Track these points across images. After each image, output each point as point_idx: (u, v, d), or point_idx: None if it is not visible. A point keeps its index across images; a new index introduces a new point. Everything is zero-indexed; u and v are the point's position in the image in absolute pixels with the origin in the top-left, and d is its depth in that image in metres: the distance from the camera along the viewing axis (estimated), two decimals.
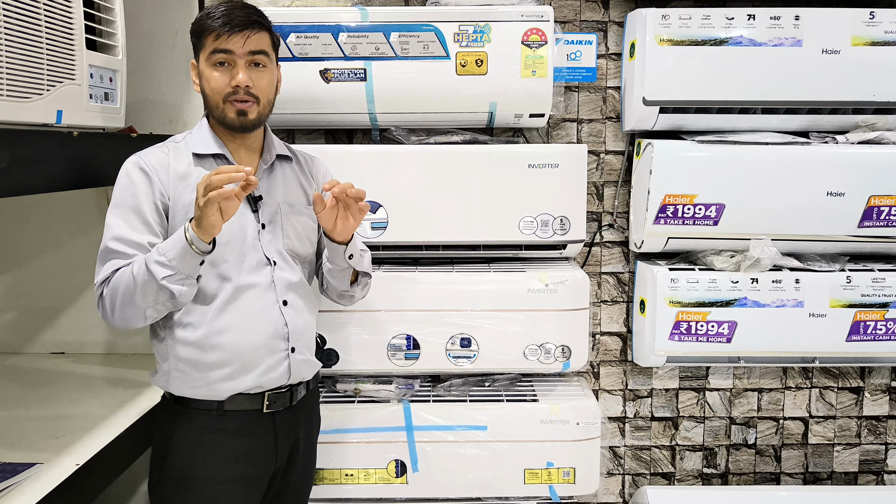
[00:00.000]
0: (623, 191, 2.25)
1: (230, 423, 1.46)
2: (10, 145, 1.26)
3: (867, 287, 2.05)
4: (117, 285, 1.36)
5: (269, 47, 1.46)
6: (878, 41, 1.95)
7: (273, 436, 1.51)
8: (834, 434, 2.38)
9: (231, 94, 1.42)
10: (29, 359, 2.19)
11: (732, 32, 1.94)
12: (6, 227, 2.21)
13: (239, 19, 1.40)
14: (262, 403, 1.48)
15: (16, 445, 1.54)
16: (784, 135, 2.05)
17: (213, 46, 1.41)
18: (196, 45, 1.46)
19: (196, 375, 1.44)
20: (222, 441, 1.46)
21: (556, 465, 1.97)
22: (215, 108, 1.45)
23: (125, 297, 1.35)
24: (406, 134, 2.04)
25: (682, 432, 2.37)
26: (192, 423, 1.46)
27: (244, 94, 1.42)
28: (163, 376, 1.48)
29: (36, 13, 1.32)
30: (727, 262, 2.06)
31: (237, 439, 1.47)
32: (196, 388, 1.45)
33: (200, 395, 1.45)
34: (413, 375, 2.08)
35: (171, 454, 1.46)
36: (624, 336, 2.33)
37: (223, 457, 1.46)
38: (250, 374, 1.45)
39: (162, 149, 1.48)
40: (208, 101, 1.46)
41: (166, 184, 1.43)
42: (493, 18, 1.89)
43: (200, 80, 1.46)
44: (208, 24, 1.41)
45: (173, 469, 1.46)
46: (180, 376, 1.45)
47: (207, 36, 1.41)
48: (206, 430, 1.46)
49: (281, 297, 1.49)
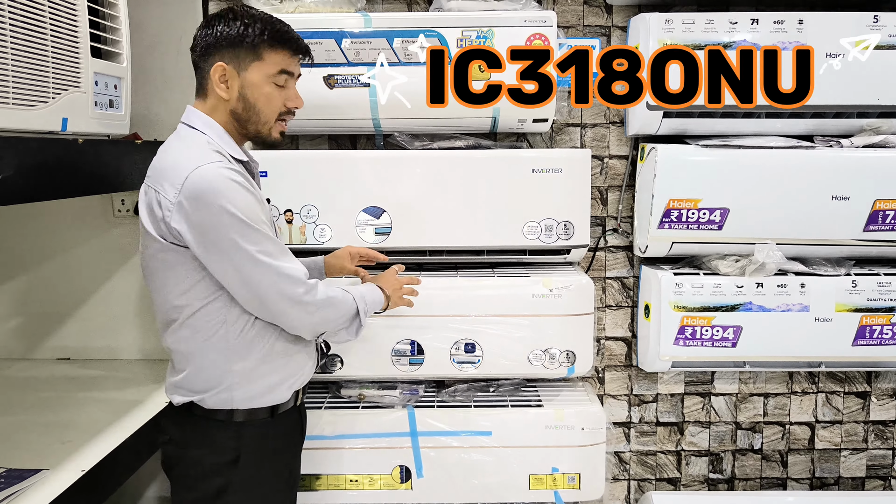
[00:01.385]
0: (627, 195, 2.25)
1: (281, 425, 1.49)
2: (16, 153, 1.27)
3: (873, 291, 2.04)
4: (333, 303, 1.45)
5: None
6: (882, 45, 1.94)
7: (301, 428, 1.60)
8: (841, 439, 2.36)
9: (285, 114, 1.45)
10: (35, 365, 2.20)
11: (736, 37, 1.94)
12: (12, 233, 2.22)
13: (304, 45, 1.44)
14: (297, 398, 1.54)
15: (22, 451, 1.54)
16: (788, 139, 2.04)
17: (283, 65, 1.41)
18: (242, 54, 1.38)
19: (261, 381, 1.44)
20: (278, 445, 1.50)
21: (562, 470, 1.96)
22: (264, 123, 1.43)
23: (337, 315, 1.47)
24: (410, 139, 2.04)
25: (688, 437, 2.36)
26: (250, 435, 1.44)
27: (292, 117, 1.47)
28: (222, 392, 1.41)
29: (41, 22, 1.33)
30: (732, 267, 2.05)
31: (287, 439, 1.53)
32: (258, 396, 1.44)
33: (261, 403, 1.44)
34: (417, 381, 2.08)
35: (238, 468, 1.42)
36: (629, 341, 2.32)
37: (283, 459, 1.52)
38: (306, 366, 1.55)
39: (220, 161, 1.34)
40: (257, 114, 1.41)
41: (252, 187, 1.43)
42: (496, 24, 1.89)
43: (245, 91, 1.39)
44: (287, 38, 1.40)
45: (242, 481, 1.43)
46: (245, 387, 1.42)
47: (280, 51, 1.40)
48: (262, 438, 1.46)
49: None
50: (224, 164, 1.33)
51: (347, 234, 1.94)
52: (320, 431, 1.95)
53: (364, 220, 1.94)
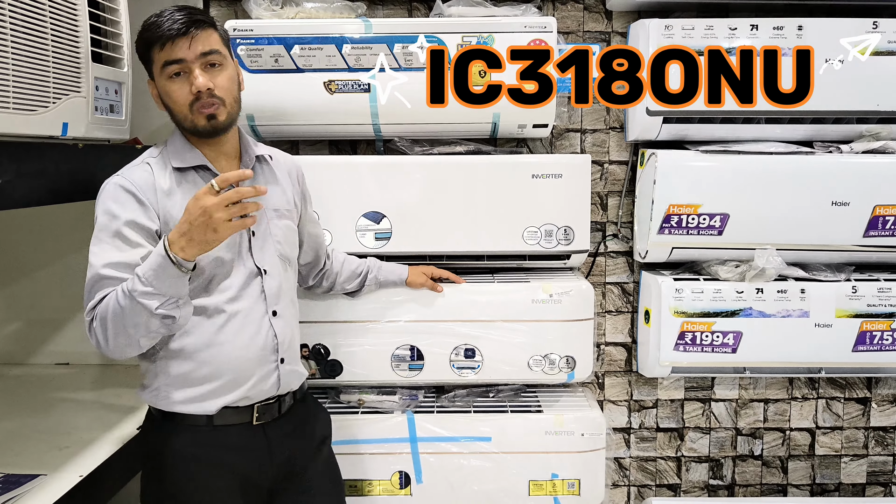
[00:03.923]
0: (627, 201, 2.25)
1: (222, 438, 1.44)
2: (16, 158, 1.27)
3: (873, 297, 2.04)
4: (105, 315, 1.29)
5: (219, 45, 1.40)
6: (881, 51, 1.95)
7: (267, 449, 1.48)
8: (841, 445, 2.36)
9: (195, 101, 1.37)
10: (33, 370, 2.19)
11: (735, 43, 1.94)
12: (12, 237, 2.22)
13: (180, 22, 1.34)
14: (251, 416, 1.46)
15: (19, 456, 1.54)
16: (788, 144, 2.05)
17: (162, 59, 1.35)
18: (146, 63, 1.40)
19: (187, 390, 1.41)
20: (215, 455, 1.43)
21: (561, 476, 1.96)
22: (183, 119, 1.40)
23: (116, 327, 1.29)
24: (410, 144, 2.04)
25: (688, 443, 2.36)
26: (184, 440, 1.43)
27: (208, 98, 1.36)
28: (152, 392, 1.44)
29: (42, 27, 1.33)
30: (732, 272, 2.05)
31: (230, 453, 1.45)
32: (185, 403, 1.42)
33: (189, 409, 1.42)
34: (417, 386, 2.07)
35: (166, 471, 1.43)
36: (629, 346, 2.32)
37: (218, 472, 1.44)
38: (241, 387, 1.44)
39: (142, 167, 1.41)
40: (174, 114, 1.41)
41: (155, 204, 1.37)
42: (497, 29, 1.90)
43: (161, 96, 1.41)
44: (149, 36, 1.35)
45: (169, 486, 1.43)
46: (171, 392, 1.42)
47: (154, 50, 1.36)
48: (198, 445, 1.43)
49: (270, 307, 1.48)
50: (129, 173, 1.38)
51: (347, 239, 1.94)
52: None
53: (364, 225, 1.94)
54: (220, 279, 1.42)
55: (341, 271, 1.84)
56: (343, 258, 1.87)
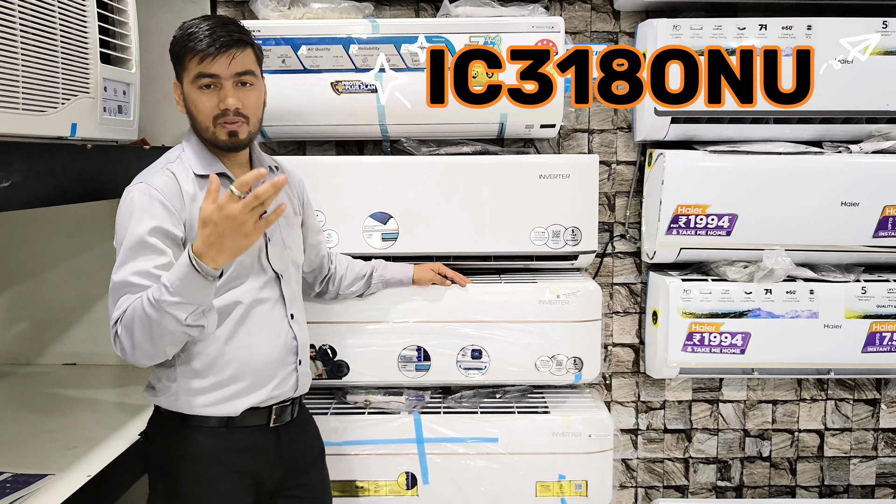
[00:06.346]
0: (635, 201, 2.24)
1: (238, 440, 1.45)
2: (25, 158, 1.27)
3: (883, 297, 2.02)
4: (130, 325, 1.27)
5: (254, 65, 1.42)
6: (891, 50, 1.94)
7: (277, 451, 1.50)
8: (850, 447, 2.35)
9: (220, 116, 1.38)
10: (41, 370, 2.20)
11: (744, 42, 1.93)
12: (19, 238, 2.23)
13: (222, 40, 1.34)
14: (269, 418, 1.48)
15: (28, 456, 1.54)
16: (797, 144, 2.04)
17: (197, 70, 1.36)
18: (177, 66, 1.41)
19: (213, 393, 1.42)
20: (232, 457, 1.45)
21: (568, 477, 1.95)
22: (205, 130, 1.41)
23: (143, 337, 1.27)
24: (417, 145, 2.04)
25: (696, 445, 2.35)
26: (200, 442, 1.43)
27: (234, 115, 1.38)
28: (170, 396, 1.43)
29: (52, 28, 1.33)
30: (740, 273, 2.04)
31: (246, 455, 1.46)
32: (208, 406, 1.42)
33: (212, 412, 1.42)
34: (424, 387, 2.07)
35: (180, 474, 1.43)
36: (636, 347, 2.31)
37: (233, 473, 1.45)
38: (264, 388, 1.46)
39: (164, 173, 1.40)
40: (196, 122, 1.41)
41: (181, 210, 1.37)
42: (504, 30, 1.89)
43: (185, 101, 1.42)
44: (190, 46, 1.35)
45: (183, 489, 1.44)
46: (192, 395, 1.42)
47: (190, 58, 1.36)
48: (216, 447, 1.44)
49: (289, 310, 1.51)
50: (153, 179, 1.37)
51: (354, 239, 1.94)
52: (326, 438, 1.94)
53: (371, 225, 1.94)
54: (242, 283, 1.44)
55: (346, 274, 1.85)
56: (347, 262, 1.88)
